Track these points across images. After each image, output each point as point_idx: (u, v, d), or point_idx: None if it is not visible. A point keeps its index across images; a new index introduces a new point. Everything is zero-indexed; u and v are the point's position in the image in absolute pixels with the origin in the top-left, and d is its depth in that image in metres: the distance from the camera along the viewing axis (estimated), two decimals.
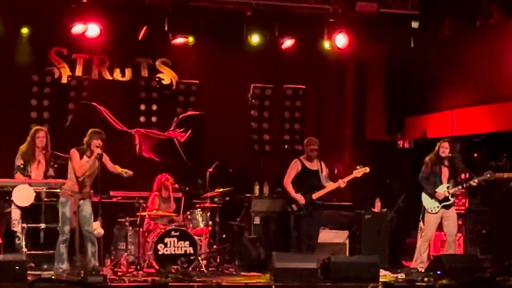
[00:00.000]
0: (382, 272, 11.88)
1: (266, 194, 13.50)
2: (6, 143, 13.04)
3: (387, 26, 14.39)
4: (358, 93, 15.70)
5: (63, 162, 11.93)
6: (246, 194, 13.43)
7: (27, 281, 10.28)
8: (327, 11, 14.13)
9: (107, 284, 10.54)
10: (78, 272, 10.88)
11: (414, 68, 14.94)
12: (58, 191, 11.39)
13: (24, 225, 11.41)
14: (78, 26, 13.48)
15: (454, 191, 12.14)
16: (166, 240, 11.82)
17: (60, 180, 11.59)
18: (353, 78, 15.71)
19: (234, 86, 14.93)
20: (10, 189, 11.44)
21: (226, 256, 12.64)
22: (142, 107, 14.78)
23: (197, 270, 11.76)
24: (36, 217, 11.59)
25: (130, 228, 12.12)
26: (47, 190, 11.60)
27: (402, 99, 15.14)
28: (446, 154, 12.10)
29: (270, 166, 14.69)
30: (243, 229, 13.22)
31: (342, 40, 14.26)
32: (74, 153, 11.12)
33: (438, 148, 12.17)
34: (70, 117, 14.04)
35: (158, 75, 14.96)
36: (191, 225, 12.30)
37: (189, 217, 12.35)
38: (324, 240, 12.80)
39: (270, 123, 15.31)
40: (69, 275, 10.90)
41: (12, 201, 11.41)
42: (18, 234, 11.42)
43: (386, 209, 13.42)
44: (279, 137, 15.32)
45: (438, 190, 12.10)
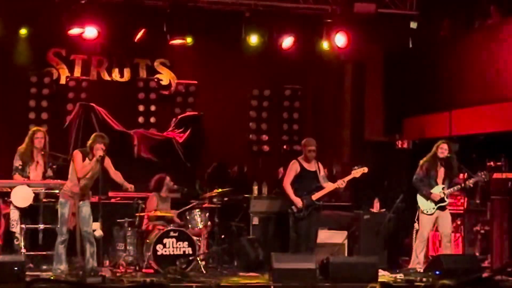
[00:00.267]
0: (381, 272, 11.87)
1: (264, 195, 13.48)
2: (5, 144, 13.04)
3: (386, 26, 14.38)
4: (357, 93, 15.69)
5: (63, 163, 11.93)
6: (245, 195, 13.42)
7: (26, 282, 10.27)
8: (326, 12, 14.13)
9: (106, 284, 10.54)
10: (76, 272, 10.88)
11: (413, 68, 14.93)
12: (57, 192, 11.39)
13: (22, 226, 11.41)
14: (75, 30, 13.46)
15: (449, 192, 12.15)
16: (165, 240, 11.81)
17: (58, 181, 11.59)
18: (351, 79, 15.70)
19: (232, 87, 14.93)
20: (9, 190, 11.45)
21: (225, 256, 12.64)
22: (141, 108, 14.82)
23: (196, 270, 11.76)
24: (34, 218, 11.59)
25: (129, 228, 12.11)
26: (46, 191, 11.60)
27: (401, 100, 15.13)
28: (445, 155, 12.10)
29: (268, 166, 14.68)
30: (242, 229, 13.21)
31: (340, 40, 14.25)
32: (77, 154, 11.15)
33: (436, 149, 12.16)
34: (68, 118, 14.04)
35: (157, 76, 14.97)
36: (190, 225, 12.30)
37: (187, 217, 12.35)
38: (322, 240, 12.77)
39: (268, 124, 15.32)
40: (67, 276, 10.89)
41: (10, 202, 11.41)
42: (17, 235, 11.42)
43: (384, 209, 13.41)
44: (278, 137, 15.34)
45: (433, 191, 12.09)
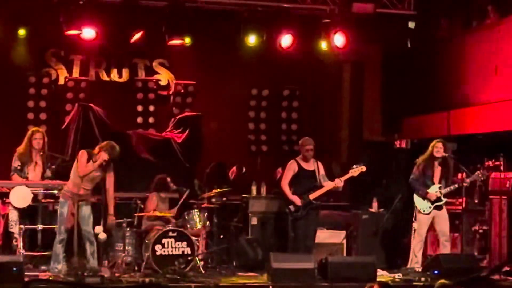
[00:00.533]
0: (379, 272, 11.89)
1: (263, 195, 13.48)
2: (3, 145, 13.01)
3: (384, 26, 14.39)
4: (355, 93, 15.69)
5: (61, 164, 11.94)
6: (244, 195, 13.42)
7: (24, 282, 10.27)
8: (324, 12, 14.13)
9: (105, 285, 10.54)
10: (75, 272, 10.88)
11: (411, 68, 14.94)
12: (56, 192, 11.40)
13: (21, 226, 11.41)
14: (73, 30, 13.45)
15: (446, 192, 12.16)
16: (164, 241, 11.80)
17: (57, 181, 11.60)
18: (350, 79, 15.71)
19: (231, 87, 14.91)
20: (7, 190, 11.45)
21: (224, 256, 12.65)
22: (139, 108, 14.80)
23: (194, 270, 11.76)
24: (33, 218, 11.59)
25: (128, 229, 12.11)
26: (45, 192, 11.60)
27: (399, 100, 15.14)
28: (441, 154, 12.13)
29: (267, 166, 14.68)
30: (241, 229, 13.21)
31: (339, 40, 14.25)
32: (83, 153, 11.20)
33: (431, 148, 12.19)
34: (67, 118, 14.04)
35: (155, 76, 14.96)
36: (189, 225, 12.30)
37: (186, 217, 12.35)
38: (321, 240, 12.78)
39: (267, 124, 15.32)
40: (66, 276, 10.90)
41: (9, 202, 11.41)
42: (16, 235, 11.43)
43: (383, 209, 13.43)
44: (276, 137, 15.33)
45: (430, 191, 12.11)
